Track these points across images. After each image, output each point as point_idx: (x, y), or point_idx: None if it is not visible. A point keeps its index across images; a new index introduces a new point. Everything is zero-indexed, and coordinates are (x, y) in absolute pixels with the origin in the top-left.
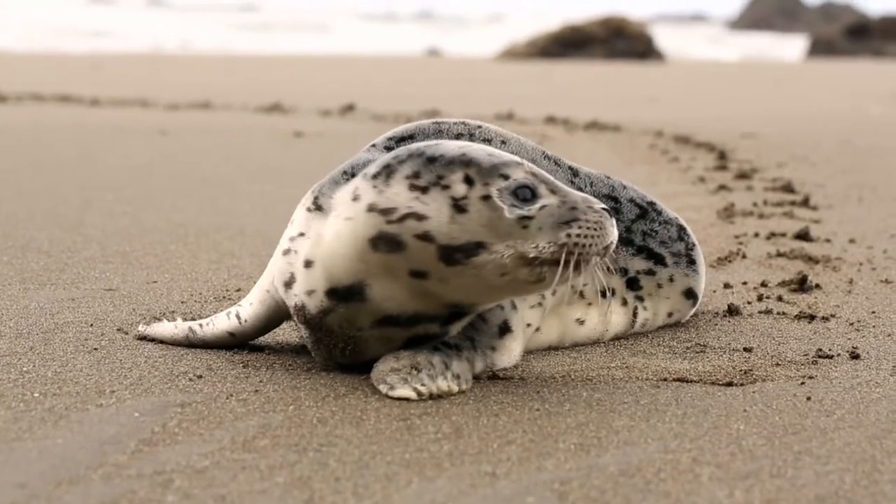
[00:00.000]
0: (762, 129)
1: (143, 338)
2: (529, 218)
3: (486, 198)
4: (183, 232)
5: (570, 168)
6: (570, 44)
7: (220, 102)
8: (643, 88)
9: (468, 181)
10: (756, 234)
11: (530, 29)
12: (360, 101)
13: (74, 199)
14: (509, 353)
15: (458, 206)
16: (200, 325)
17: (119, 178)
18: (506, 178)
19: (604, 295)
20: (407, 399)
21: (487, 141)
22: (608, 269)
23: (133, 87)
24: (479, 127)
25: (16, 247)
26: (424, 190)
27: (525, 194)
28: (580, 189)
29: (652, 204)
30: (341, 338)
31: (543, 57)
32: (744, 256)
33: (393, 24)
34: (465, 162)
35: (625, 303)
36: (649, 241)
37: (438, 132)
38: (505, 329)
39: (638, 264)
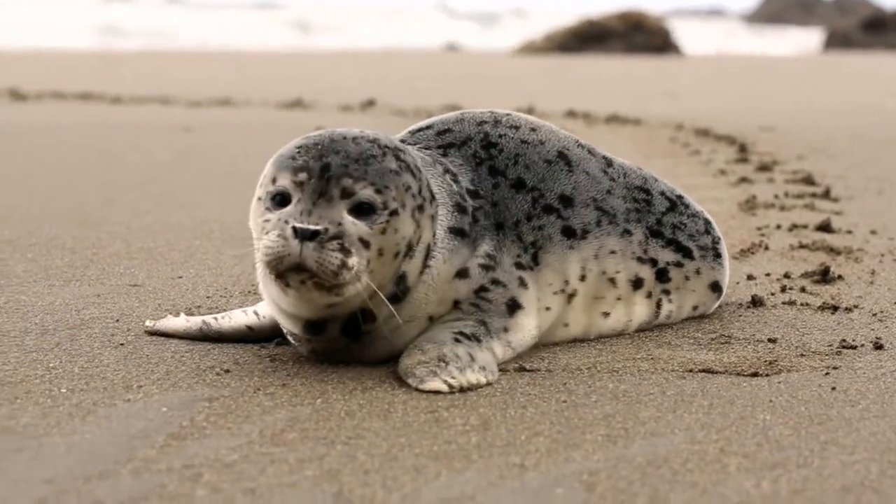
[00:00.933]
0: (781, 122)
1: (154, 333)
2: (267, 222)
3: (259, 199)
4: (207, 228)
5: (605, 157)
6: (588, 38)
7: (240, 99)
8: (662, 82)
9: (260, 183)
10: (778, 226)
11: (548, 24)
12: (381, 97)
13: (97, 197)
14: (523, 330)
15: (254, 206)
16: (216, 318)
17: (141, 176)
18: (274, 181)
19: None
20: (437, 392)
21: (515, 128)
22: (639, 258)
23: (153, 84)
24: (508, 114)
25: (40, 244)
26: (258, 186)
27: (282, 200)
28: (612, 179)
29: (680, 197)
30: None
31: (561, 51)
32: (766, 248)
33: (410, 19)
34: (269, 162)
35: (649, 295)
36: (678, 234)
37: (460, 120)
38: (514, 306)
39: (667, 256)
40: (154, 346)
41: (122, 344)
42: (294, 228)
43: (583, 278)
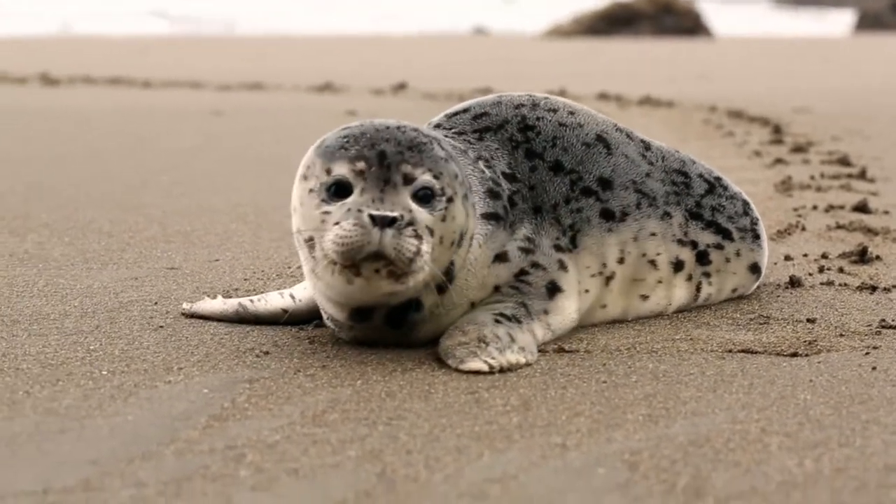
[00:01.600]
0: (815, 103)
1: (192, 315)
2: (328, 213)
3: (311, 191)
4: (242, 211)
5: (643, 141)
6: (617, 21)
7: (270, 83)
8: (693, 64)
9: (304, 175)
10: (814, 207)
11: (575, 6)
12: (412, 80)
13: (131, 181)
14: (563, 312)
15: (302, 198)
16: (252, 301)
17: (174, 160)
18: (328, 172)
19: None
20: (477, 372)
21: (553, 111)
22: (679, 240)
23: (183, 69)
24: (546, 98)
25: (76, 228)
26: (300, 178)
27: (339, 191)
28: (651, 163)
29: (718, 179)
30: None
31: (590, 34)
32: (803, 229)
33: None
34: (314, 154)
35: (689, 278)
36: (717, 217)
37: (497, 103)
38: (553, 289)
39: (707, 238)
40: (193, 328)
41: (161, 326)
42: (371, 216)
43: (621, 261)
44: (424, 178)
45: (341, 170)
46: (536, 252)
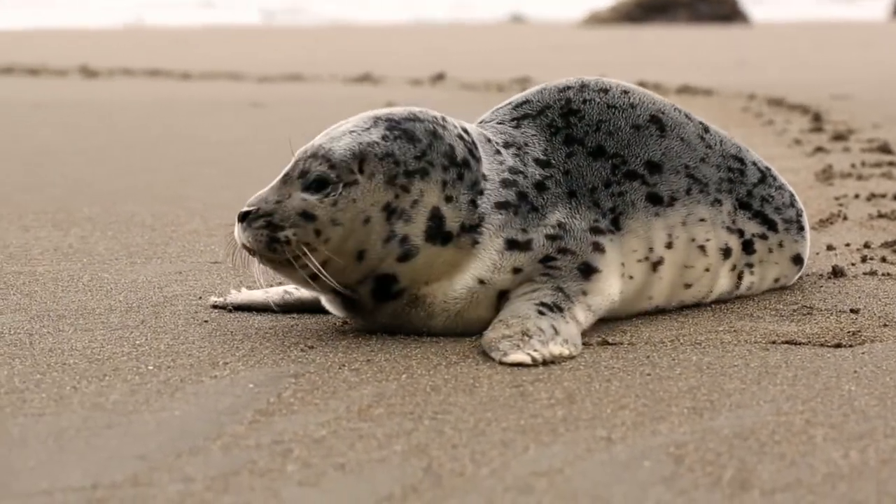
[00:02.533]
0: (854, 89)
1: (236, 307)
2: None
3: None
4: None
5: (701, 123)
6: (653, 8)
7: (309, 73)
8: (731, 51)
9: None
10: (856, 196)
11: None
12: (450, 70)
13: (172, 174)
14: (602, 293)
15: None
16: (297, 288)
17: (215, 152)
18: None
19: None
20: (521, 364)
21: (604, 91)
22: (728, 227)
23: (222, 60)
24: (598, 79)
25: (119, 222)
26: None
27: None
28: (709, 146)
29: (768, 168)
30: None
31: (627, 21)
32: (845, 218)
33: None
34: None
35: (734, 267)
36: (765, 207)
37: (542, 90)
38: (588, 270)
39: (753, 228)
40: (237, 322)
41: (205, 321)
42: (239, 213)
43: (669, 245)
44: (318, 169)
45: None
46: (566, 237)
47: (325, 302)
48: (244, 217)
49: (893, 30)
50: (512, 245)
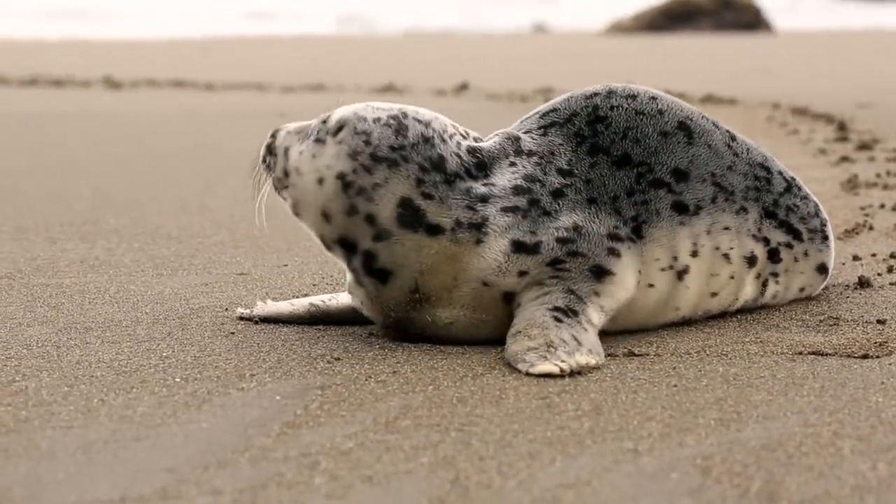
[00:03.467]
0: (879, 98)
1: (262, 319)
2: None
3: None
4: None
5: (728, 131)
6: (677, 17)
7: (333, 84)
8: (755, 60)
9: None
10: (882, 206)
11: (635, 3)
12: (474, 80)
13: (197, 185)
14: (614, 295)
15: None
16: (323, 301)
17: (240, 163)
18: None
19: None
20: (549, 375)
21: (632, 97)
22: (753, 235)
23: (245, 70)
24: (626, 86)
25: (145, 233)
26: None
27: None
28: (736, 154)
29: (794, 178)
30: None
31: (650, 30)
32: (871, 228)
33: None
34: None
35: (759, 275)
36: (791, 217)
37: (569, 98)
38: (601, 272)
39: (779, 236)
40: (264, 334)
41: (232, 333)
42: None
43: (695, 254)
44: (318, 123)
45: None
46: (578, 241)
47: (349, 287)
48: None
49: None
50: (518, 247)
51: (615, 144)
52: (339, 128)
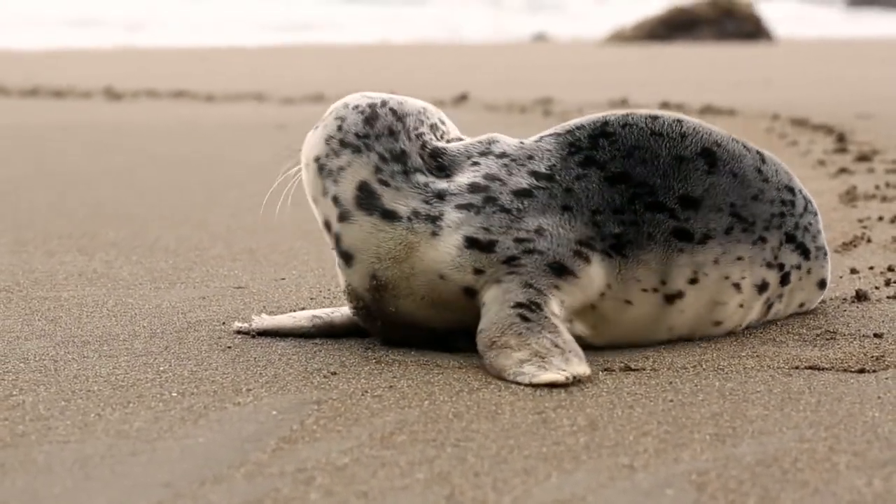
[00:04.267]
0: (879, 109)
1: (262, 332)
2: None
3: None
4: (307, 228)
5: (759, 153)
6: (677, 26)
7: (333, 94)
8: (755, 70)
9: None
10: (880, 218)
11: (636, 11)
12: (473, 90)
13: (197, 198)
14: (573, 295)
15: None
16: (327, 314)
17: (239, 175)
18: None
19: None
20: (554, 383)
21: (653, 118)
22: (768, 263)
23: (246, 80)
24: (651, 111)
25: (143, 246)
26: None
27: None
28: (766, 180)
29: (801, 191)
30: None
31: (651, 40)
32: (869, 241)
33: (497, 9)
34: None
35: (767, 300)
36: (806, 237)
37: (597, 114)
38: (562, 269)
39: (793, 259)
40: (261, 348)
41: (229, 347)
42: None
43: (694, 281)
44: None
45: None
46: (538, 241)
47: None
48: None
49: None
50: (472, 243)
51: (614, 161)
52: (330, 114)
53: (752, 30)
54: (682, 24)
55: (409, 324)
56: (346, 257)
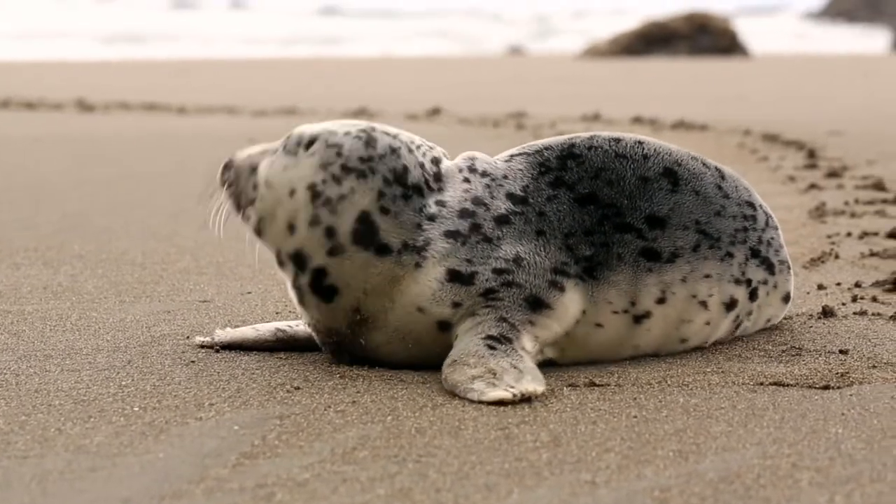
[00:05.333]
0: (850, 125)
1: (225, 346)
2: None
3: None
4: None
5: (717, 169)
6: (653, 41)
7: (305, 108)
8: (729, 85)
9: None
10: (848, 234)
11: (612, 26)
12: (446, 104)
13: (165, 211)
14: (549, 328)
15: None
16: (290, 326)
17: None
18: None
19: None
20: (502, 401)
21: (615, 140)
22: (736, 279)
23: (218, 93)
24: (613, 133)
25: (110, 259)
26: None
27: None
28: (726, 196)
29: (762, 206)
30: None
31: (627, 54)
32: (837, 257)
33: (472, 23)
34: None
35: (736, 317)
36: (769, 251)
37: (561, 136)
38: (538, 303)
39: (760, 275)
40: (224, 363)
41: (192, 361)
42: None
43: (661, 301)
44: (286, 140)
45: None
46: (517, 272)
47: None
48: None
49: (892, 64)
50: (454, 276)
51: (582, 182)
52: (311, 141)
53: (727, 45)
54: (658, 39)
55: (373, 357)
56: (328, 292)
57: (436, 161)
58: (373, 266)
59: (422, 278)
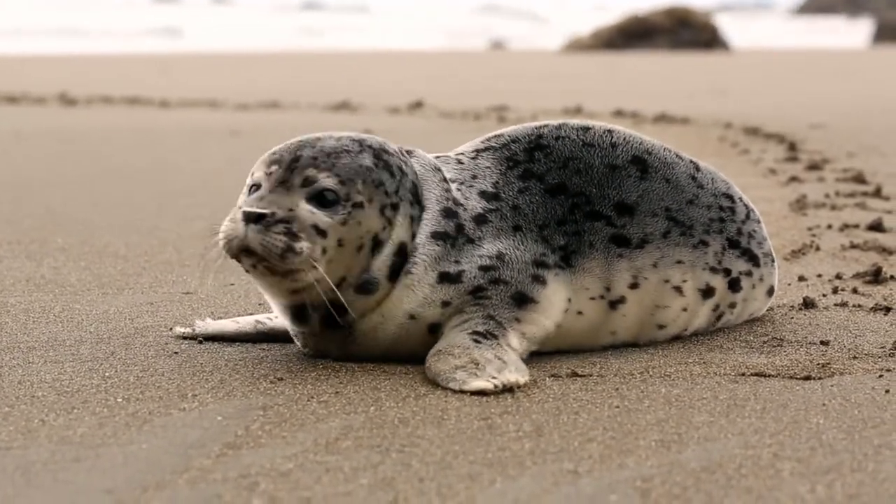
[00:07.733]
0: (831, 118)
1: (206, 337)
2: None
3: (242, 193)
4: None
5: (692, 162)
6: (634, 35)
7: (288, 102)
8: (710, 79)
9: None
10: (829, 226)
11: (593, 20)
12: (429, 98)
13: (149, 204)
14: (536, 323)
15: None
16: (269, 318)
17: (192, 182)
18: (252, 175)
19: None
20: (483, 391)
21: (584, 130)
22: (712, 268)
23: (201, 87)
24: (582, 121)
25: (93, 252)
26: None
27: (255, 191)
28: (700, 186)
29: (742, 198)
30: None
31: (608, 49)
32: (817, 249)
33: (454, 18)
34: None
35: (716, 306)
36: (751, 243)
37: (522, 125)
38: (523, 300)
39: (741, 265)
40: (208, 354)
41: (175, 352)
42: (243, 212)
43: (634, 286)
44: (326, 181)
45: (258, 173)
46: (502, 268)
47: (277, 311)
48: (258, 218)
49: (873, 57)
50: (444, 278)
51: (551, 173)
52: (363, 185)
53: (708, 39)
54: (639, 33)
55: (360, 360)
56: (343, 324)
57: (408, 163)
58: (385, 292)
59: (415, 286)
